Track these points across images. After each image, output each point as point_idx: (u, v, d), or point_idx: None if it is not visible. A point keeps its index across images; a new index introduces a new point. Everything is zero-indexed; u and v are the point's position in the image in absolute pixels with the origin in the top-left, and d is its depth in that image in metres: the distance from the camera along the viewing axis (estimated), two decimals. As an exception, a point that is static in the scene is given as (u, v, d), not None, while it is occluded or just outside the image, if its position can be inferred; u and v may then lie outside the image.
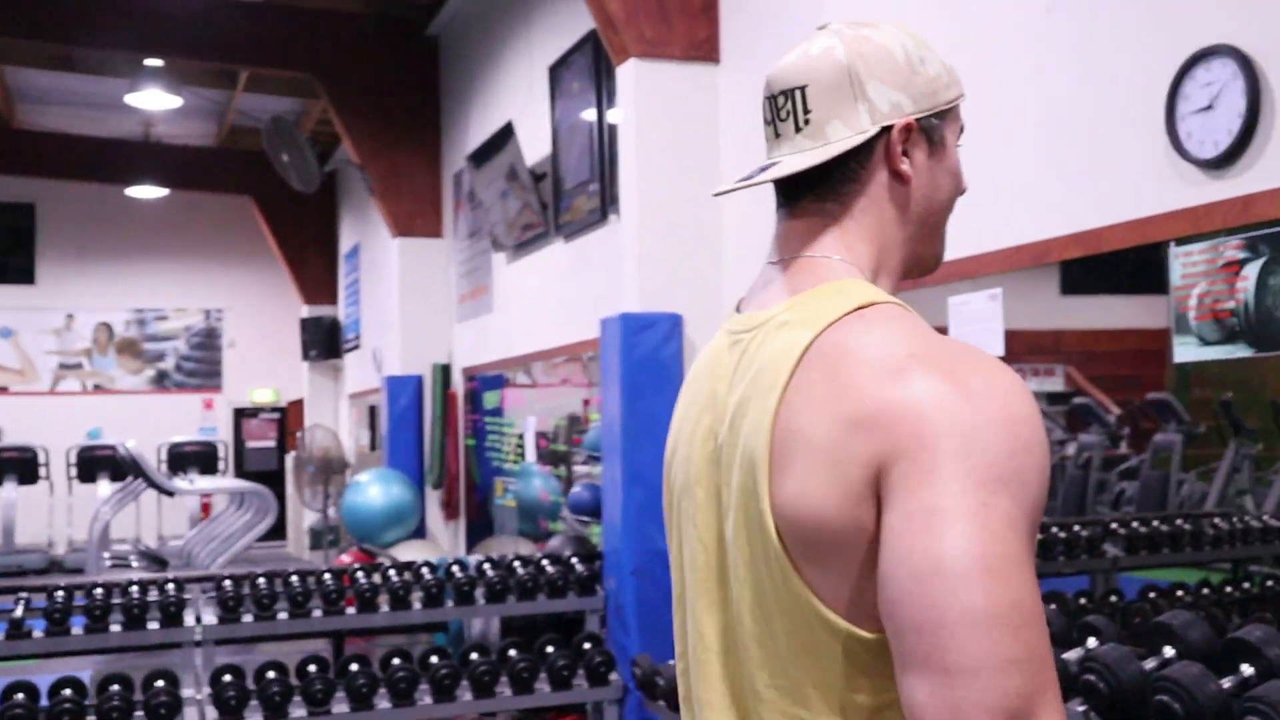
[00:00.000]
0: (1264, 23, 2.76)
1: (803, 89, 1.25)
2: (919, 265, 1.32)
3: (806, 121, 1.25)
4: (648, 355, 5.14)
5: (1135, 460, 4.38)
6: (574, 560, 5.44)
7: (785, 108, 1.27)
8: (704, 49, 5.31)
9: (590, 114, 6.53)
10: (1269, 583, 3.70)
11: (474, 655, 5.08)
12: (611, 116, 6.26)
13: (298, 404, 15.38)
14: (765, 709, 1.19)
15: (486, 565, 5.50)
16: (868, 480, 1.07)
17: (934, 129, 1.28)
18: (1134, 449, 3.73)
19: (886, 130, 1.24)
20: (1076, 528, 3.82)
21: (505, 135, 7.48)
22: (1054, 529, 3.82)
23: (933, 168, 1.28)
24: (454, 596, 5.21)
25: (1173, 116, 2.93)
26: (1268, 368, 3.34)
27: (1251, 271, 2.77)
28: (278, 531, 13.23)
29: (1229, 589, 3.57)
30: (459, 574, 5.36)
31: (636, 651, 4.99)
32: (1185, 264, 2.93)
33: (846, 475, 1.07)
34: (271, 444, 16.11)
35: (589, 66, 6.52)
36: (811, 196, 1.28)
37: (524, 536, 7.60)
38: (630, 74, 5.28)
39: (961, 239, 3.63)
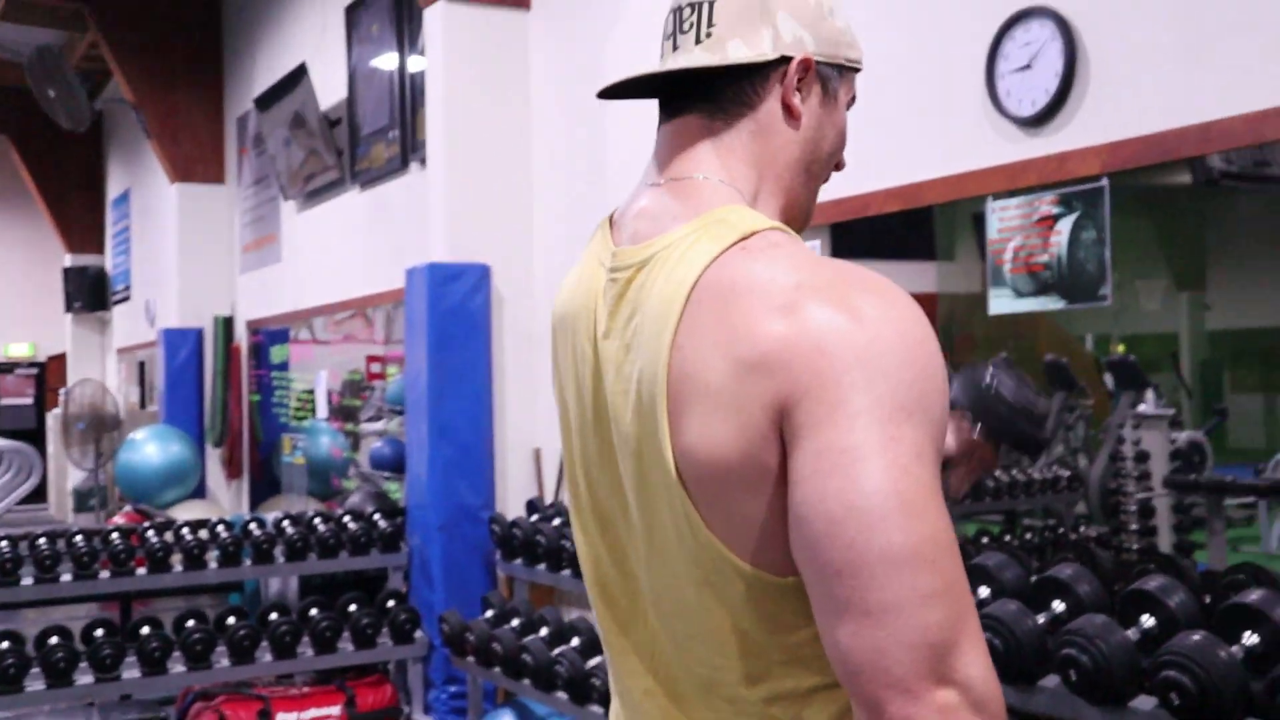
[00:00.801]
0: (1081, -13, 2.88)
1: (710, 2, 1.22)
2: (794, 213, 1.27)
3: (708, 34, 1.21)
4: (456, 306, 5.06)
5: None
6: (377, 516, 5.34)
7: (690, 19, 1.23)
8: (514, -6, 5.23)
9: (391, 58, 6.36)
10: (1035, 535, 3.89)
11: (273, 615, 4.93)
12: (414, 62, 6.12)
13: (59, 359, 14.59)
14: (688, 656, 1.17)
15: (286, 523, 5.34)
16: (771, 422, 1.04)
17: (830, 79, 1.26)
18: None
19: (785, 62, 1.22)
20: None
21: (296, 78, 7.21)
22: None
23: (822, 117, 1.26)
24: (252, 555, 5.04)
25: (992, 75, 3.04)
26: (1039, 325, 3.47)
27: (1065, 226, 2.90)
28: (38, 494, 12.55)
29: (1008, 538, 3.75)
30: (257, 531, 5.19)
31: (443, 608, 4.94)
32: (1001, 217, 3.05)
33: (749, 418, 1.04)
34: (28, 401, 15.24)
35: (389, 8, 6.34)
36: (698, 111, 1.24)
37: (313, 496, 7.42)
38: (439, 17, 5.16)
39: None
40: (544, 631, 4.32)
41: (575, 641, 4.16)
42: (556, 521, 4.74)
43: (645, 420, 1.12)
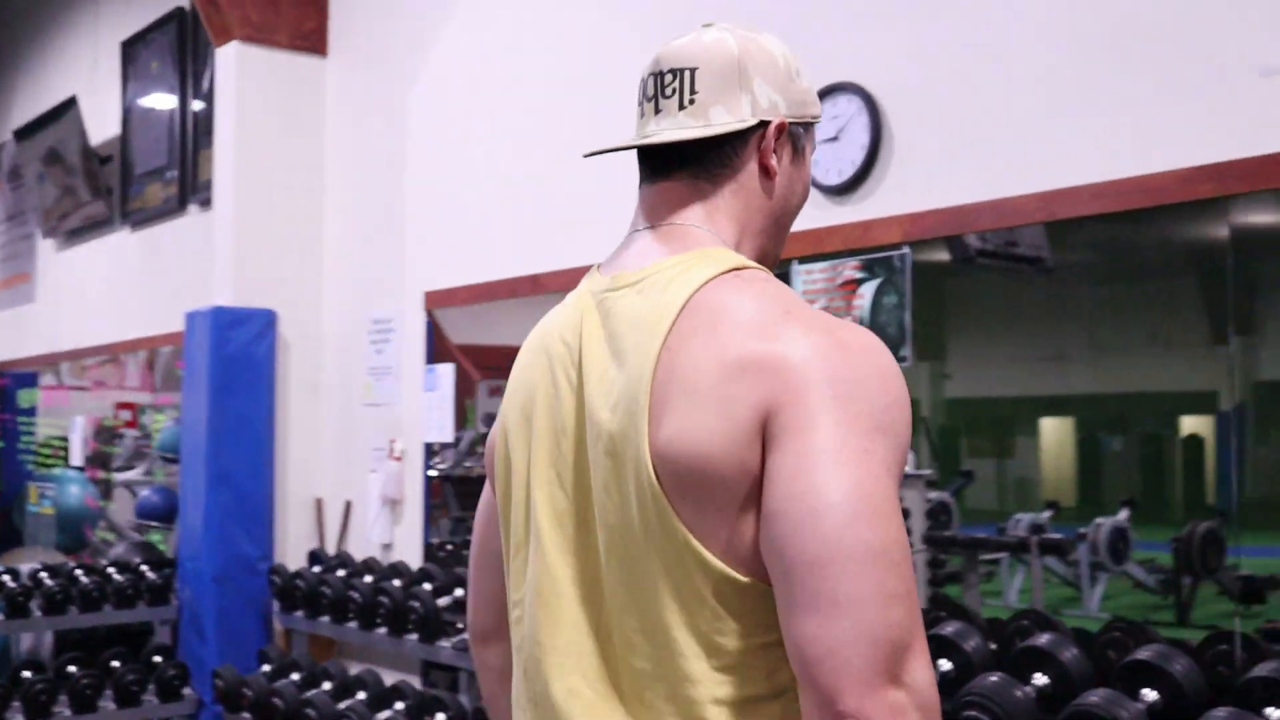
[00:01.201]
0: (886, 65, 3.09)
1: (693, 70, 1.31)
2: (765, 261, 1.38)
3: (692, 101, 1.31)
4: (240, 352, 4.93)
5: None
6: (144, 568, 5.10)
7: (672, 85, 1.32)
8: (312, 40, 5.18)
9: (171, 97, 6.17)
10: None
11: (26, 673, 4.65)
12: (199, 102, 5.96)
13: None
14: (632, 654, 1.20)
15: (44, 574, 5.04)
16: (755, 422, 1.12)
17: (798, 137, 1.37)
18: None
19: (763, 125, 1.32)
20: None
21: (62, 111, 6.91)
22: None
23: (792, 174, 1.37)
24: (5, 608, 4.74)
25: (801, 145, 3.21)
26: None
27: (867, 290, 3.08)
28: None
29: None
30: (11, 583, 4.88)
31: (215, 663, 4.76)
32: (806, 281, 3.21)
33: (733, 417, 1.13)
34: None
35: (171, 46, 6.16)
36: (685, 173, 1.33)
37: (60, 549, 7.00)
38: (232, 58, 5.06)
39: (596, 248, 3.78)
40: (327, 685, 4.21)
41: (361, 695, 4.08)
42: (341, 572, 4.64)
43: (624, 416, 1.19)
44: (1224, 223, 2.57)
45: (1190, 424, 2.97)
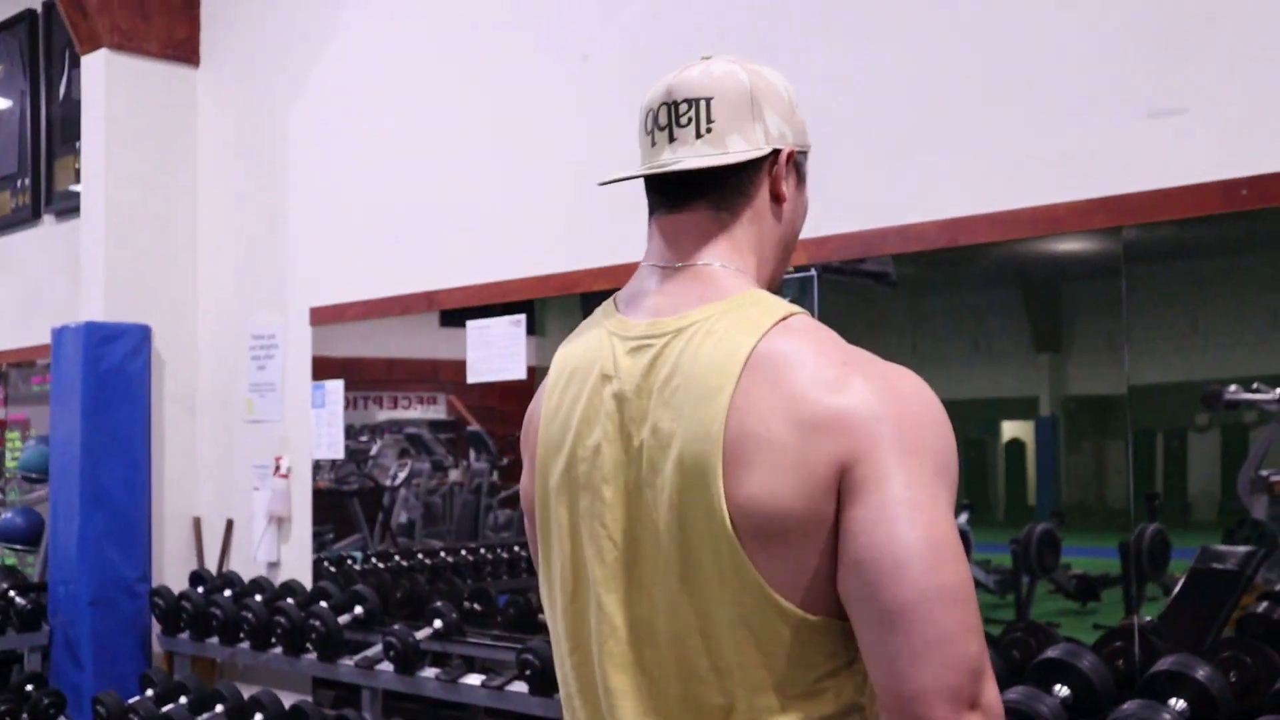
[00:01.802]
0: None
1: (708, 100, 1.35)
2: (773, 284, 1.43)
3: (709, 130, 1.33)
4: (114, 368, 4.82)
5: (514, 489, 4.68)
6: (12, 593, 4.94)
7: (688, 114, 1.35)
8: (183, 49, 5.09)
9: (21, 101, 5.97)
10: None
11: (-111, 706, 4.47)
12: (53, 107, 5.78)
13: None
14: (707, 691, 1.27)
15: (-97, 603, 4.84)
16: (832, 477, 1.19)
17: (801, 165, 1.43)
18: (506, 480, 4.03)
19: (774, 153, 1.37)
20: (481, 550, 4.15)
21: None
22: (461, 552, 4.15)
23: (797, 200, 1.43)
24: None
25: (708, 170, 3.32)
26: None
27: (775, 310, 3.21)
28: None
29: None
30: None
31: (93, 689, 4.64)
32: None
33: (811, 474, 1.19)
34: None
35: (21, 50, 5.96)
36: (704, 203, 1.36)
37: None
38: (100, 66, 4.94)
39: (495, 265, 3.84)
40: (220, 709, 4.17)
41: (259, 718, 4.05)
42: (228, 592, 4.59)
43: (691, 473, 1.24)
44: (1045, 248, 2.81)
45: (1012, 429, 3.15)
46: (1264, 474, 4.43)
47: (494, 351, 3.89)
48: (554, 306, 3.79)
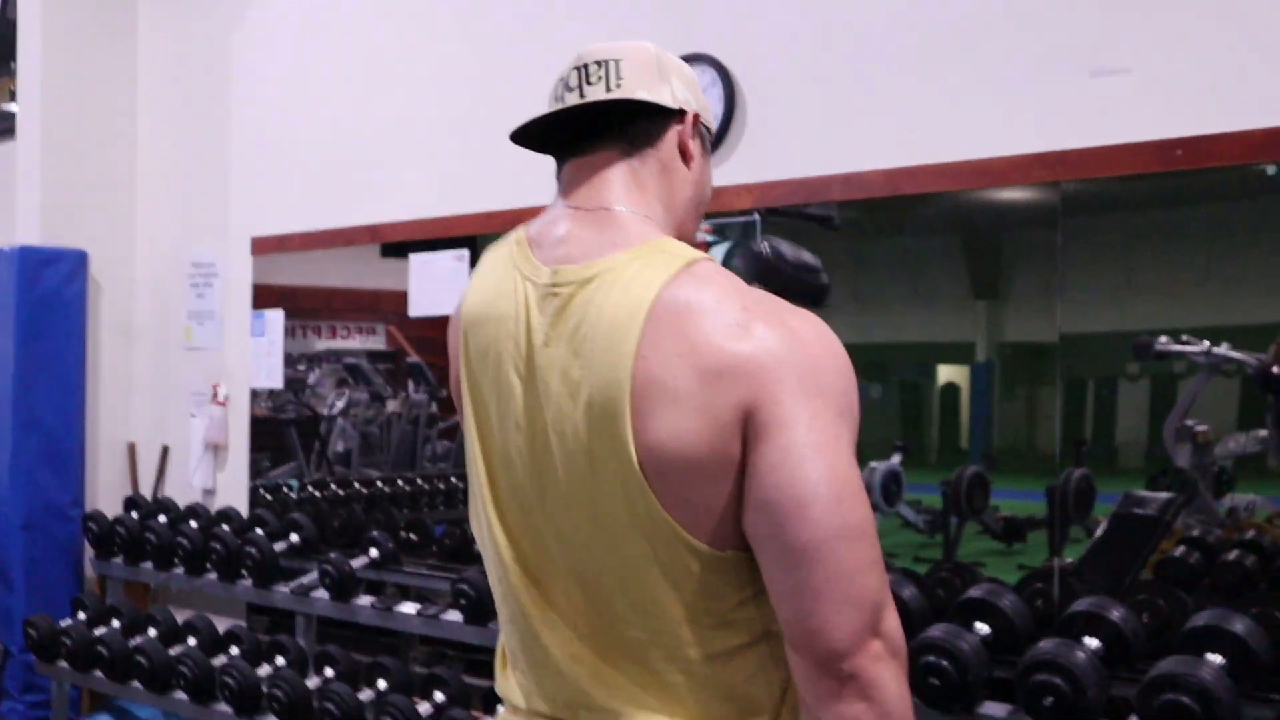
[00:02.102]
0: (741, 39, 3.25)
1: (617, 62, 1.42)
2: (683, 239, 1.47)
3: (618, 85, 1.41)
4: (49, 293, 4.76)
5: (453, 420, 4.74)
6: (-59, 515, 4.90)
7: (598, 73, 1.41)
8: (124, -31, 5.00)
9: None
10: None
11: None
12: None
13: None
14: (626, 626, 1.33)
15: None
16: (736, 422, 1.23)
17: (705, 138, 1.50)
18: (446, 411, 4.06)
19: (679, 114, 1.44)
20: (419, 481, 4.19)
21: None
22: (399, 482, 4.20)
23: (704, 166, 1.50)
24: None
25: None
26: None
27: (718, 253, 3.26)
28: None
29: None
30: None
31: (24, 612, 4.64)
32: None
33: (716, 419, 1.23)
34: None
35: (-46, -38, 5.81)
36: (612, 145, 1.42)
37: None
38: (36, -20, 4.84)
39: (439, 200, 3.85)
40: (152, 632, 4.19)
41: (192, 641, 4.08)
42: (163, 518, 4.59)
43: (600, 419, 1.28)
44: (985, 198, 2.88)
45: (947, 373, 3.23)
46: (1189, 424, 4.57)
47: (437, 286, 3.91)
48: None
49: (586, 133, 1.44)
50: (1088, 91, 2.72)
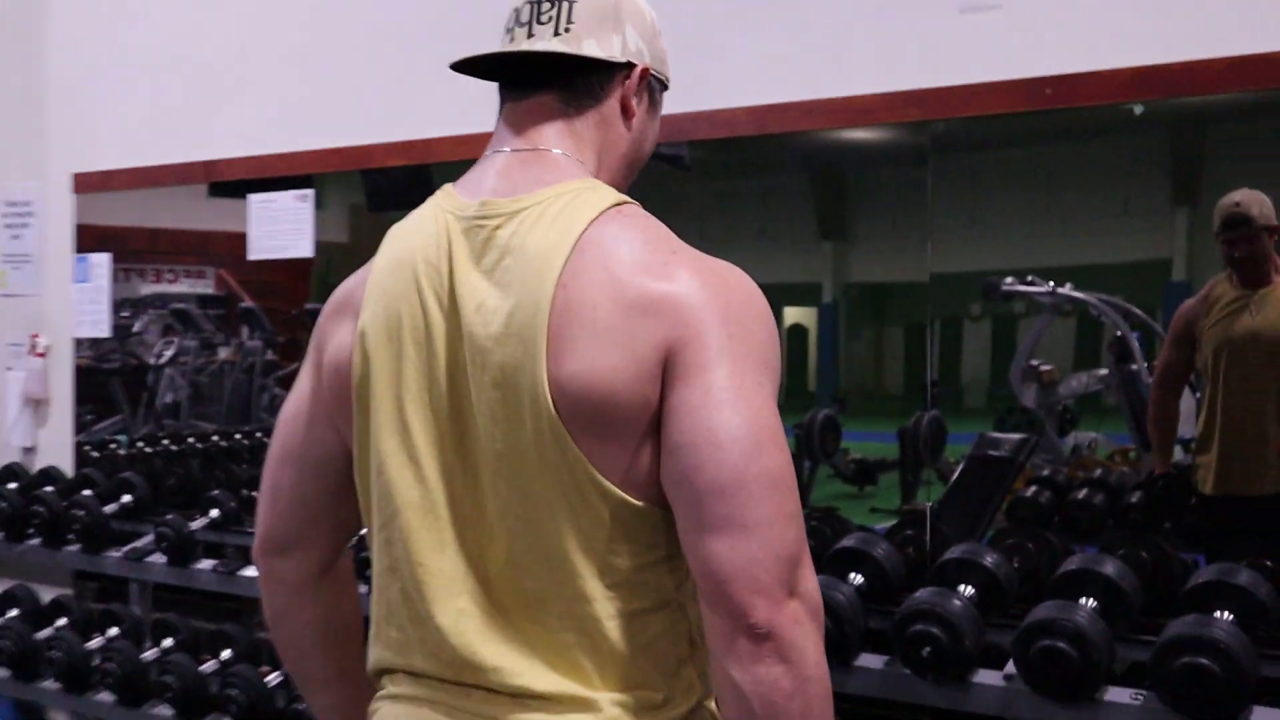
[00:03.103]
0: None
1: (571, 3, 1.35)
2: None
3: (568, 29, 1.35)
4: None
5: (293, 368, 4.57)
6: None
7: (549, 13, 1.35)
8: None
9: None
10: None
11: None
12: None
13: None
14: (523, 575, 1.26)
15: None
16: (656, 361, 1.20)
17: (655, 90, 1.45)
18: (286, 358, 3.92)
19: (628, 67, 1.39)
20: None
21: None
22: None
23: (647, 122, 1.45)
24: None
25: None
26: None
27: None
28: None
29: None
30: None
31: None
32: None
33: (636, 354, 1.20)
34: None
35: None
36: (553, 97, 1.37)
37: None
38: None
39: (280, 135, 3.63)
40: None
41: (14, 612, 3.84)
42: (-22, 480, 4.29)
43: (516, 348, 1.23)
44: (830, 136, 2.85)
45: (794, 314, 3.23)
46: (1034, 364, 4.67)
47: (278, 228, 3.69)
48: (341, 182, 3.61)
49: (529, 78, 1.39)
50: (959, 28, 2.66)
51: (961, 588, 2.50)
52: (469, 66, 1.41)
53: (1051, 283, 4.46)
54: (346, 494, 1.44)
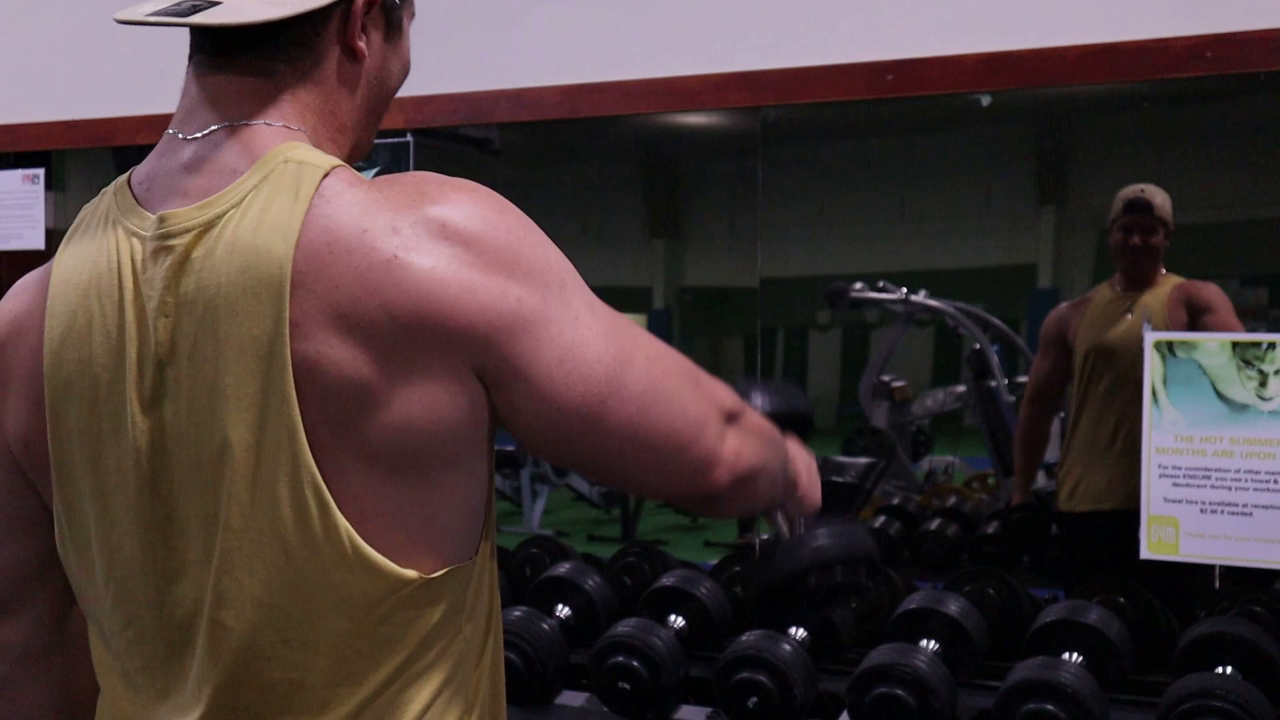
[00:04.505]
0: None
1: None
2: (356, 154, 1.35)
3: None
4: None
5: None
6: None
7: None
8: None
9: None
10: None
11: None
12: None
13: None
14: (270, 666, 1.19)
15: None
16: (460, 386, 1.16)
17: (394, 9, 1.32)
18: None
19: (347, 1, 1.25)
20: None
21: None
22: None
23: (387, 52, 1.32)
24: None
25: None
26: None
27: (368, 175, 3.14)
28: None
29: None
30: None
31: None
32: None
33: (427, 386, 1.15)
34: None
35: None
36: (254, 55, 1.24)
37: None
38: None
39: (6, 105, 3.55)
40: None
41: None
42: None
43: (255, 413, 1.14)
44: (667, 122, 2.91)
45: None
46: (885, 379, 4.81)
47: (3, 212, 3.60)
48: (82, 160, 3.54)
49: (219, 42, 1.25)
50: (794, 5, 2.75)
51: (793, 631, 2.58)
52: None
53: (904, 289, 4.60)
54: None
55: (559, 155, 3.16)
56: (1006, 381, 4.47)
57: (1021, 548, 3.55)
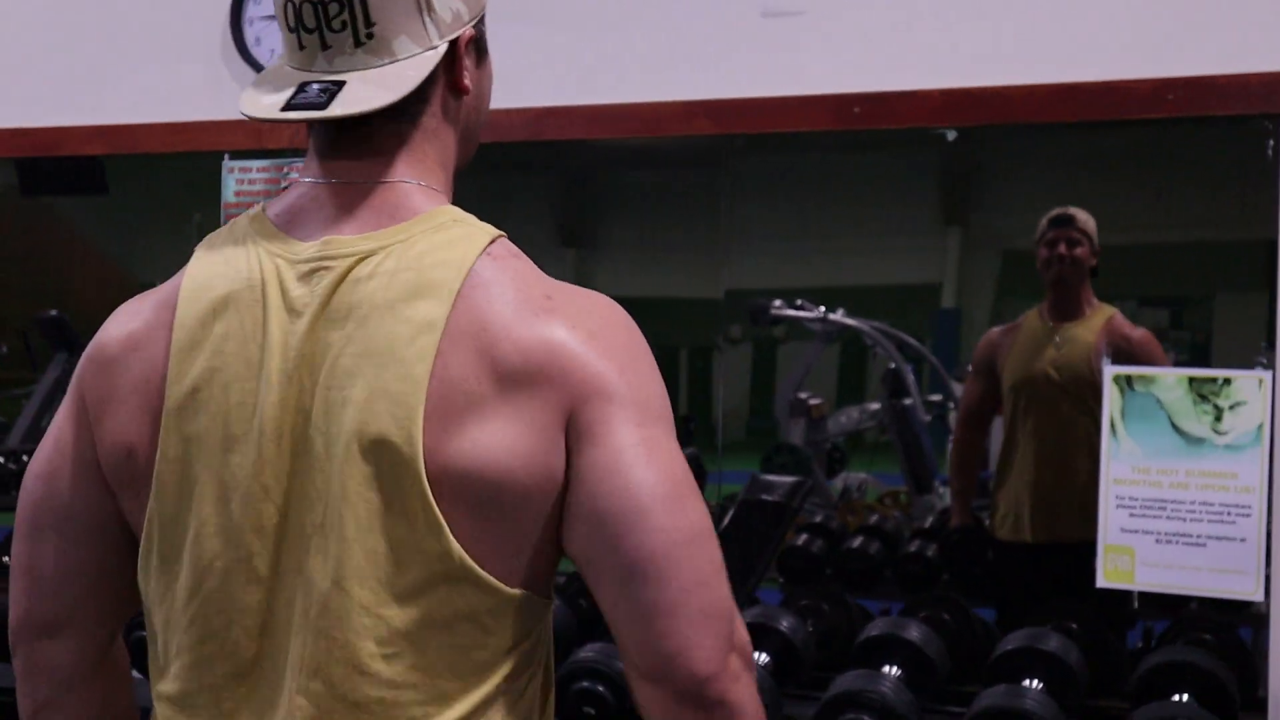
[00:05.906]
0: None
1: None
2: (455, 173, 1.40)
3: (369, 35, 1.25)
4: None
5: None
6: None
7: (340, 17, 1.25)
8: None
9: None
10: None
11: None
12: None
13: None
14: (367, 683, 1.21)
15: None
16: (557, 427, 1.20)
17: (481, 35, 1.37)
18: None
19: (451, 44, 1.30)
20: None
21: None
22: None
23: (481, 81, 1.38)
24: None
25: (239, 18, 3.07)
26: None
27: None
28: None
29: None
30: None
31: None
32: (243, 179, 3.11)
33: (532, 426, 1.19)
34: None
35: None
36: (381, 116, 1.28)
37: None
38: None
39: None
40: None
41: None
42: None
43: (388, 422, 1.19)
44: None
45: None
46: (802, 396, 4.82)
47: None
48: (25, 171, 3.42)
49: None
50: (761, 35, 2.73)
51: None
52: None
53: (823, 308, 4.63)
54: (123, 563, 1.35)
55: (474, 164, 3.14)
56: (922, 400, 4.52)
57: (949, 567, 3.57)
